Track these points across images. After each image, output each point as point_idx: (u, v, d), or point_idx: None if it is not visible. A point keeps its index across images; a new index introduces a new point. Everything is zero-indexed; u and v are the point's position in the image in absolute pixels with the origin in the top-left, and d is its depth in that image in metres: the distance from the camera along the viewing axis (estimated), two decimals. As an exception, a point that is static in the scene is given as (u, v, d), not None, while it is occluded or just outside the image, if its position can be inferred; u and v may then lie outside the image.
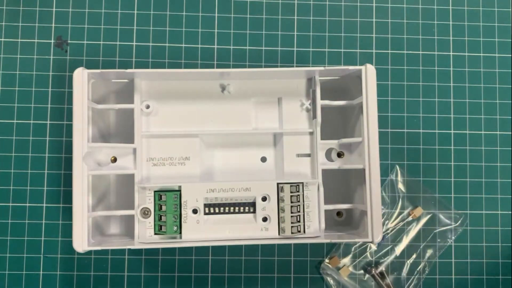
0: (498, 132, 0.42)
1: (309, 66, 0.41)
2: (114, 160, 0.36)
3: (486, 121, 0.42)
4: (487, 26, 0.43)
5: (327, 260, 0.40)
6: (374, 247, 0.40)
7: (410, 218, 0.40)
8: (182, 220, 0.34)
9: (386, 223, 0.40)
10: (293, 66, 0.41)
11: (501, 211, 0.41)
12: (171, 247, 0.39)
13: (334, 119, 0.38)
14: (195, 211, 0.34)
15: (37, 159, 0.40)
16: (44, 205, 0.40)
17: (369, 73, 0.34)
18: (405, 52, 0.42)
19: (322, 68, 0.35)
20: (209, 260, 0.40)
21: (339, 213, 0.39)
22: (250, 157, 0.37)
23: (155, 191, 0.34)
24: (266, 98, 0.37)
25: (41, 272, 0.39)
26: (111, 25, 0.41)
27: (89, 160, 0.34)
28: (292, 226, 0.34)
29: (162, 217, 0.34)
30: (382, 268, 0.40)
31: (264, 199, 0.34)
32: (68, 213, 0.40)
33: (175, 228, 0.34)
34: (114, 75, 0.35)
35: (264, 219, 0.34)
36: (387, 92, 0.42)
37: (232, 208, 0.34)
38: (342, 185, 0.38)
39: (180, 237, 0.34)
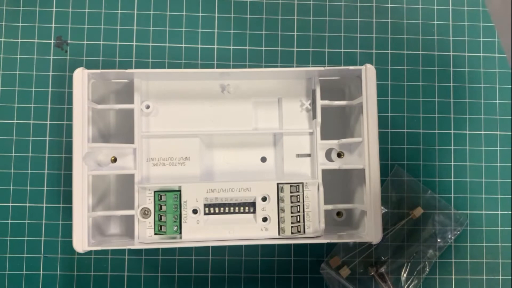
0: (498, 132, 0.42)
1: (309, 66, 0.41)
2: (114, 160, 0.36)
3: (486, 121, 0.42)
4: (487, 26, 0.43)
5: (327, 260, 0.40)
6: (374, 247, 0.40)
7: (410, 218, 0.40)
8: (182, 220, 0.34)
9: (386, 223, 0.40)
10: (293, 66, 0.41)
11: (501, 211, 0.41)
12: (171, 247, 0.39)
13: (334, 119, 0.38)
14: (195, 211, 0.34)
15: (37, 159, 0.40)
16: (44, 205, 0.40)
17: (369, 73, 0.34)
18: (405, 52, 0.42)
19: (322, 68, 0.35)
20: (209, 260, 0.40)
21: (339, 213, 0.39)
22: (250, 157, 0.37)
23: (155, 191, 0.34)
24: (266, 98, 0.37)
25: (41, 272, 0.39)
26: (111, 25, 0.41)
27: (89, 160, 0.34)
28: (292, 226, 0.34)
29: (162, 217, 0.34)
30: (382, 268, 0.39)
31: (264, 199, 0.34)
32: (68, 213, 0.40)
33: (175, 228, 0.34)
34: (114, 75, 0.35)
35: (264, 219, 0.34)
36: (387, 92, 0.42)
37: (232, 208, 0.34)
38: (342, 185, 0.38)
39: (180, 237, 0.34)
